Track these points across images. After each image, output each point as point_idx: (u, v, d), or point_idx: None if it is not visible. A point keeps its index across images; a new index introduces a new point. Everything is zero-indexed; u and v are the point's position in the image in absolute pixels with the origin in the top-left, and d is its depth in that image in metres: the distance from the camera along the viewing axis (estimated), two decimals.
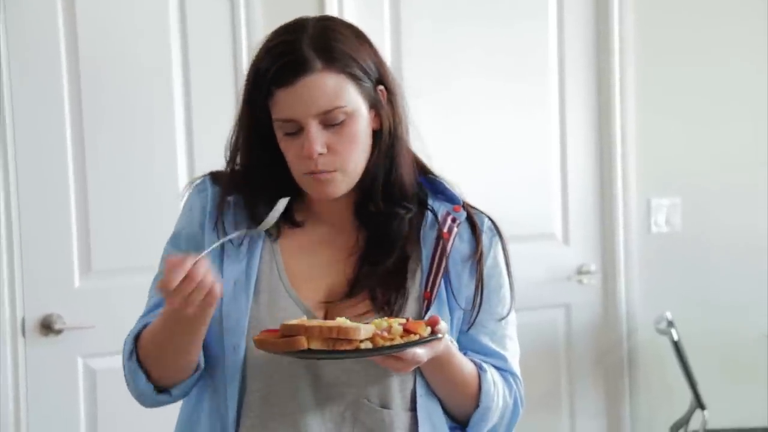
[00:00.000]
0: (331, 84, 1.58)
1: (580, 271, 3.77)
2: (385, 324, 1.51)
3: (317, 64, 1.58)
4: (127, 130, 3.07)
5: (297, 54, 1.58)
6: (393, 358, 1.51)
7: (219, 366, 1.64)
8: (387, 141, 1.66)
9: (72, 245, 3.00)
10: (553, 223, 3.74)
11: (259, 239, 1.67)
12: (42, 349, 2.97)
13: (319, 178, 1.61)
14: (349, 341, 1.47)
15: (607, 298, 3.81)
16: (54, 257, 2.99)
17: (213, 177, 1.73)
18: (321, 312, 1.64)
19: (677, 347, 3.55)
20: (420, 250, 1.67)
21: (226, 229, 1.67)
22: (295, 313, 1.62)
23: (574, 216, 3.76)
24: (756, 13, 3.86)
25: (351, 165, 1.62)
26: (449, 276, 1.67)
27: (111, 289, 3.01)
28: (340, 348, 1.47)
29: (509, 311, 1.73)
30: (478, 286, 1.68)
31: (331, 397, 1.62)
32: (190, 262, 1.46)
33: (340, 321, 1.50)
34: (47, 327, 2.97)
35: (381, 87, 1.66)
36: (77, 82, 2.99)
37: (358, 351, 1.48)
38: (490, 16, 3.58)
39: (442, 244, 1.67)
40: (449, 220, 1.70)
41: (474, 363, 1.67)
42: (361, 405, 1.63)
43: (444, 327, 1.54)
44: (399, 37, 3.45)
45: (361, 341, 1.47)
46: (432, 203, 1.72)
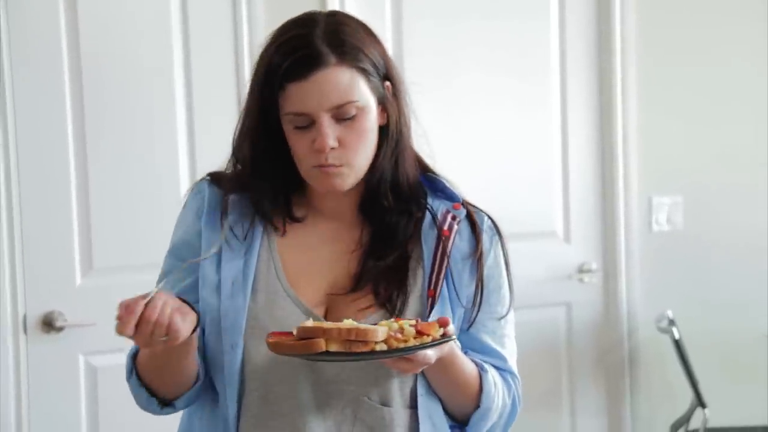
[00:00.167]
0: (344, 78, 1.59)
1: (581, 270, 3.77)
2: (396, 325, 1.50)
3: (331, 58, 1.58)
4: (129, 128, 3.07)
5: (311, 48, 1.58)
6: (404, 359, 1.50)
7: (218, 365, 1.64)
8: (393, 136, 1.67)
9: (73, 243, 3.00)
10: (555, 222, 3.74)
11: (258, 237, 1.67)
12: (43, 347, 2.97)
13: (328, 171, 1.61)
14: (365, 343, 1.46)
15: (608, 296, 3.80)
16: (55, 255, 2.99)
17: (212, 177, 1.73)
18: (321, 309, 1.64)
19: (678, 346, 3.55)
20: (421, 248, 1.68)
21: (233, 225, 1.67)
22: (294, 313, 1.62)
23: (575, 214, 3.75)
24: (757, 14, 3.86)
25: (359, 159, 1.62)
26: (451, 274, 1.67)
27: (112, 287, 2.97)
28: (356, 350, 1.47)
29: (508, 310, 1.73)
30: (478, 285, 1.68)
31: (331, 395, 1.62)
32: (141, 304, 1.45)
33: (348, 323, 1.49)
34: (49, 324, 2.97)
35: (387, 83, 1.66)
36: (79, 80, 2.99)
37: (374, 353, 1.47)
38: (491, 15, 3.58)
39: (442, 242, 1.67)
40: (449, 218, 1.70)
41: (475, 363, 1.67)
42: (361, 403, 1.63)
43: (453, 328, 1.54)
44: (400, 36, 3.44)
45: (377, 343, 1.47)
46: (431, 201, 1.72)
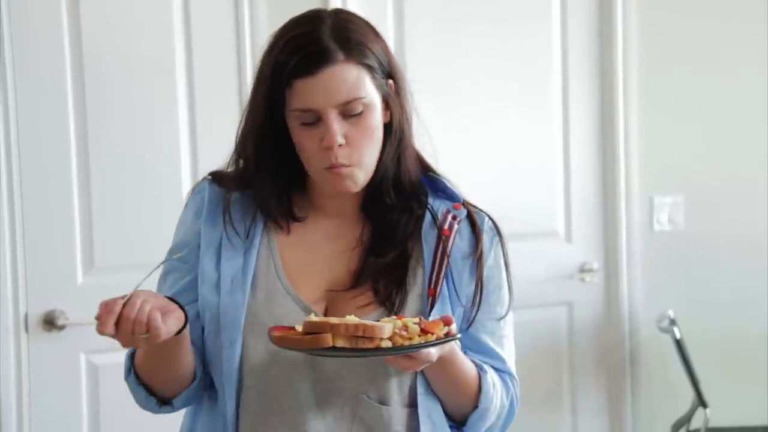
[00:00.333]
0: (352, 75, 1.59)
1: (582, 269, 3.77)
2: (400, 323, 1.50)
3: (339, 55, 1.58)
4: (131, 126, 3.07)
5: (319, 44, 1.58)
6: (406, 356, 1.50)
7: (217, 363, 1.65)
8: (396, 134, 1.67)
9: (75, 241, 3.00)
10: (556, 221, 3.74)
11: (258, 235, 1.67)
12: (45, 345, 2.97)
13: (339, 172, 1.61)
14: (371, 339, 1.46)
15: (610, 296, 3.80)
16: (57, 253, 2.99)
17: (213, 176, 1.73)
18: (320, 306, 1.64)
19: (679, 345, 3.55)
20: (421, 247, 1.68)
21: (233, 223, 1.67)
22: (293, 310, 1.62)
23: (576, 214, 3.75)
24: (758, 15, 3.86)
25: (367, 158, 1.63)
26: (450, 273, 1.67)
27: (114, 286, 2.91)
28: (362, 346, 1.46)
29: (508, 311, 1.73)
30: (477, 285, 1.68)
31: (330, 393, 1.62)
32: (119, 303, 1.45)
33: (352, 319, 1.49)
34: (50, 323, 2.98)
35: (390, 80, 1.67)
36: (81, 78, 2.99)
37: (379, 349, 1.47)
38: (493, 16, 3.58)
39: (443, 241, 1.67)
40: (449, 217, 1.70)
41: (474, 364, 1.67)
42: (360, 401, 1.63)
43: (456, 327, 1.54)
44: (402, 37, 3.44)
45: (382, 340, 1.47)
46: (432, 201, 1.72)
